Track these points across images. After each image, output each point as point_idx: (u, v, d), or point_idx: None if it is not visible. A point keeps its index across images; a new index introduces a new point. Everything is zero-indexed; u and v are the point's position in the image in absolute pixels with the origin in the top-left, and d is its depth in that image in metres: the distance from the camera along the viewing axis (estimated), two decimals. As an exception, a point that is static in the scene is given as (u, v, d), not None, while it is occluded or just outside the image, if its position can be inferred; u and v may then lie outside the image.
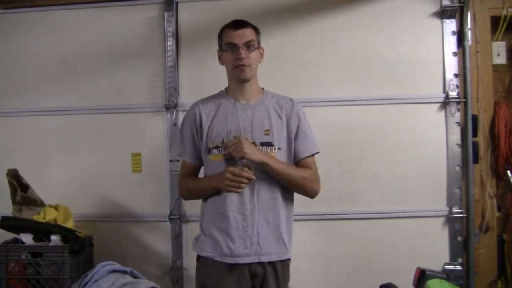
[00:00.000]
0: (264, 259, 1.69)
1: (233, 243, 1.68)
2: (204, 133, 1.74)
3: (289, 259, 1.78)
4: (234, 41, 1.69)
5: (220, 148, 1.71)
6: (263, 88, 1.83)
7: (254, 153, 1.63)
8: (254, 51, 1.72)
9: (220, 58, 1.78)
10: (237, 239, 1.68)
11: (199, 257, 1.78)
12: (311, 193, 1.79)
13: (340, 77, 2.37)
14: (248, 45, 1.70)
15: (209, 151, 1.73)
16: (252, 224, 1.68)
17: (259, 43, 1.76)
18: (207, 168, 1.77)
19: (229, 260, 1.68)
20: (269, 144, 1.70)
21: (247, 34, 1.71)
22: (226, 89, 1.82)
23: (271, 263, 1.71)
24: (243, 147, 1.61)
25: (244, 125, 1.72)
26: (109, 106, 2.45)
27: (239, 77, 1.72)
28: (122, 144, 2.45)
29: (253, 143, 1.69)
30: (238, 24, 1.72)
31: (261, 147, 1.69)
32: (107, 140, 2.46)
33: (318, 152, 1.80)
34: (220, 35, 1.76)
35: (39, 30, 2.50)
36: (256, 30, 1.76)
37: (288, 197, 1.77)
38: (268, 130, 1.72)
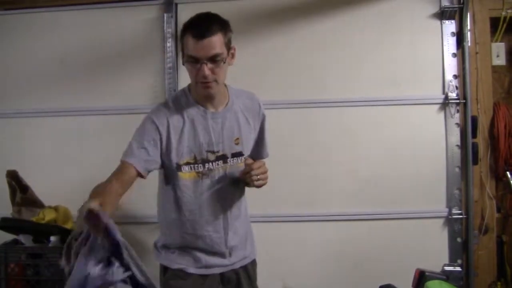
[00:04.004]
0: (236, 266, 1.68)
1: (207, 256, 1.64)
2: (172, 148, 1.54)
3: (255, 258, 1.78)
4: (197, 55, 1.44)
5: (191, 165, 1.56)
6: (225, 85, 1.64)
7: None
8: (222, 64, 1.47)
9: (183, 59, 1.52)
10: (211, 251, 1.64)
11: (165, 269, 1.67)
12: None
13: (339, 78, 2.37)
14: (213, 59, 1.45)
15: (179, 167, 1.56)
16: (226, 239, 1.64)
17: (229, 44, 1.51)
18: (178, 185, 1.59)
19: (203, 271, 1.64)
20: (240, 154, 1.62)
21: (213, 44, 1.43)
22: (189, 90, 1.61)
23: (243, 267, 1.70)
24: (267, 178, 1.56)
25: (216, 137, 1.58)
26: (108, 107, 2.45)
27: (203, 94, 1.53)
28: (122, 145, 2.43)
29: (225, 155, 1.60)
30: (202, 32, 1.43)
31: (232, 158, 1.61)
32: (106, 141, 2.46)
33: None
34: (182, 38, 1.50)
35: (39, 31, 2.50)
36: (225, 31, 1.49)
37: (245, 200, 1.74)
38: (238, 138, 1.62)
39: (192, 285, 1.64)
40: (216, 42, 1.44)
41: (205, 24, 1.46)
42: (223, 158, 1.60)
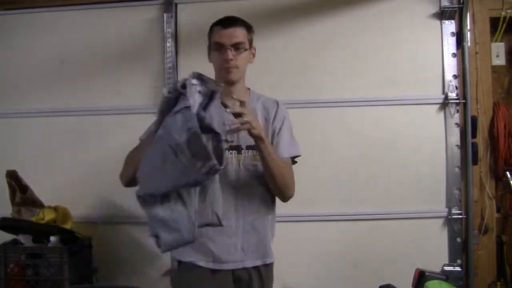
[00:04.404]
0: (248, 264, 1.68)
1: (217, 248, 1.65)
2: None
3: (272, 262, 1.77)
4: (222, 41, 1.63)
5: None
6: (249, 88, 1.78)
7: (259, 128, 1.55)
8: (243, 53, 1.66)
9: (209, 55, 1.72)
10: (222, 245, 1.65)
11: (179, 263, 1.72)
12: (286, 195, 1.71)
13: (339, 78, 2.37)
14: (236, 47, 1.64)
15: None
16: (237, 231, 1.65)
17: (251, 42, 1.70)
18: None
19: (212, 266, 1.65)
20: (255, 147, 1.62)
21: (237, 34, 1.64)
22: None
23: (256, 268, 1.70)
24: (252, 124, 1.50)
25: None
26: (108, 107, 2.45)
27: (225, 79, 1.65)
28: (122, 145, 2.44)
29: (239, 146, 1.64)
30: (228, 22, 1.66)
31: (247, 150, 1.64)
32: (107, 141, 2.46)
33: (297, 156, 1.77)
34: (210, 32, 1.70)
35: (39, 31, 2.50)
36: (248, 29, 1.70)
37: (271, 201, 1.75)
38: None
39: (200, 279, 1.65)
40: (239, 32, 1.65)
41: (231, 18, 1.69)
42: (237, 148, 1.64)
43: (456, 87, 2.31)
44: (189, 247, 1.65)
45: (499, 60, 2.52)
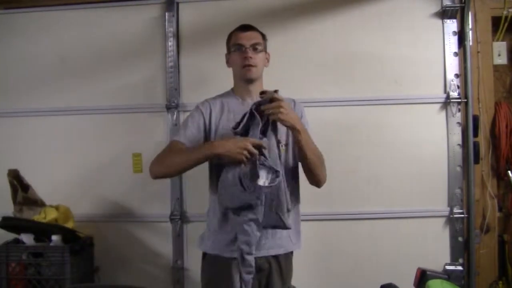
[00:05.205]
0: (268, 253, 1.72)
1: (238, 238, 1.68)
2: (212, 129, 1.78)
3: (292, 252, 1.82)
4: (241, 42, 1.77)
5: None
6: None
7: (291, 118, 1.61)
8: (260, 53, 1.79)
9: (227, 61, 1.85)
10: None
11: (204, 255, 1.80)
12: (320, 178, 1.79)
13: (340, 77, 2.36)
14: (254, 47, 1.77)
15: None
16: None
17: (265, 47, 1.83)
18: (214, 163, 1.77)
19: (234, 254, 1.69)
20: (277, 142, 1.69)
21: (254, 36, 1.79)
22: (233, 89, 1.86)
23: (275, 257, 1.74)
24: (280, 112, 1.58)
25: None
26: (109, 106, 2.45)
27: (245, 77, 1.78)
28: (123, 144, 2.45)
29: (279, 141, 1.70)
30: (245, 27, 1.81)
31: (282, 145, 1.71)
32: (108, 140, 2.46)
33: None
34: (229, 39, 1.84)
35: (39, 30, 2.50)
36: (263, 36, 1.84)
37: (298, 193, 1.82)
38: None
39: (223, 268, 1.69)
40: (256, 35, 1.81)
41: (248, 25, 1.84)
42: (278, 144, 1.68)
43: (458, 86, 2.31)
44: (212, 237, 1.76)
45: (501, 59, 2.52)
